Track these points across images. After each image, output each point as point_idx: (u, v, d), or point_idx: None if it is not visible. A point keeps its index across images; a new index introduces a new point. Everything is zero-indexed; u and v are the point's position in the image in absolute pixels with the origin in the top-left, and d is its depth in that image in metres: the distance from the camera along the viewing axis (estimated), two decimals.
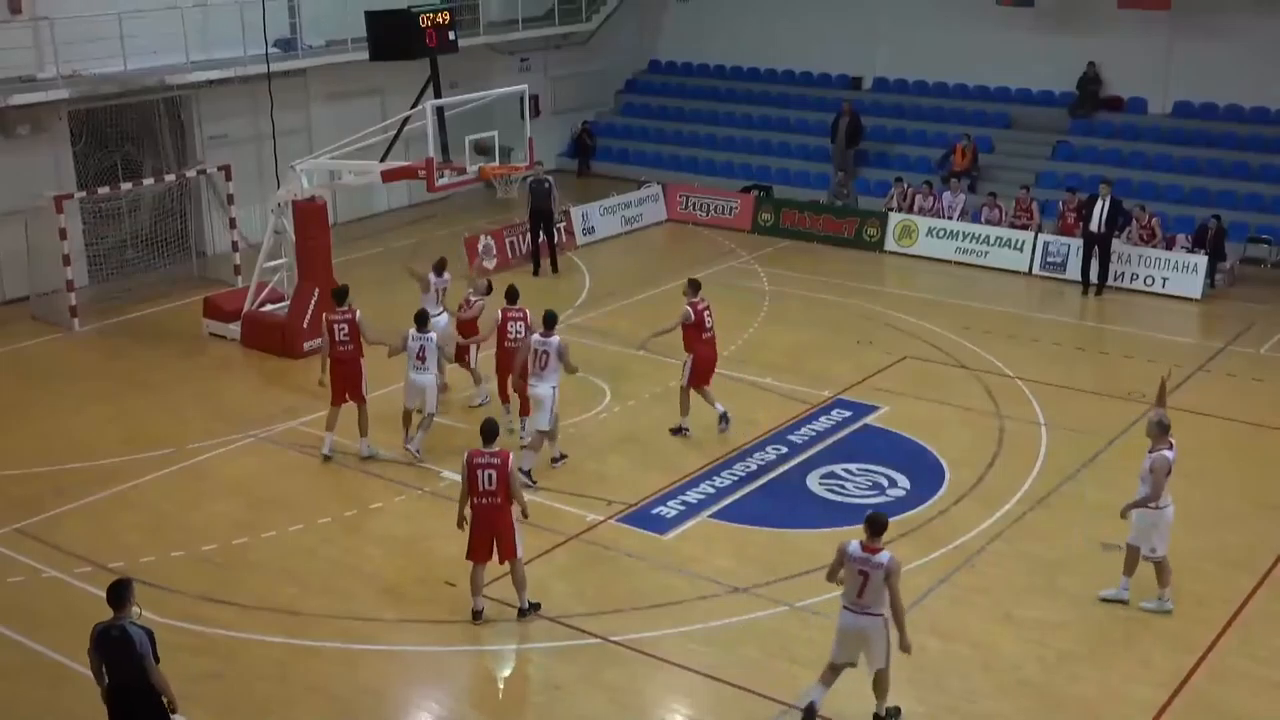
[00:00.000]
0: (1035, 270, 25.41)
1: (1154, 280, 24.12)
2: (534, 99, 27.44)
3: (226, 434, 17.65)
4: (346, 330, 16.76)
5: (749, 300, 23.65)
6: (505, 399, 17.56)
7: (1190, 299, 23.78)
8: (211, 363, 20.82)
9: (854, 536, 11.09)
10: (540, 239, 25.88)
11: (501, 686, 12.39)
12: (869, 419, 18.04)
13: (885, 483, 16.09)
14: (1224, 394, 19.22)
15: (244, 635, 12.82)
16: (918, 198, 27.56)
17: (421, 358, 16.60)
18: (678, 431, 17.39)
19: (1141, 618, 13.01)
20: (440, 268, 19.36)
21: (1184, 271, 24.04)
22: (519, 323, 17.11)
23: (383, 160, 21.18)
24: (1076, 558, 14.27)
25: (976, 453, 16.93)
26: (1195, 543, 14.50)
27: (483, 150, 20.16)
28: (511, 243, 26.35)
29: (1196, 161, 27.87)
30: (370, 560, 14.43)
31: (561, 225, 26.53)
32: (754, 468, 16.50)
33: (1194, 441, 17.36)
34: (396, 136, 21.75)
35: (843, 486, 16.01)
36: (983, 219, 26.57)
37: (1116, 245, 24.06)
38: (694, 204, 29.73)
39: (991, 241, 26.02)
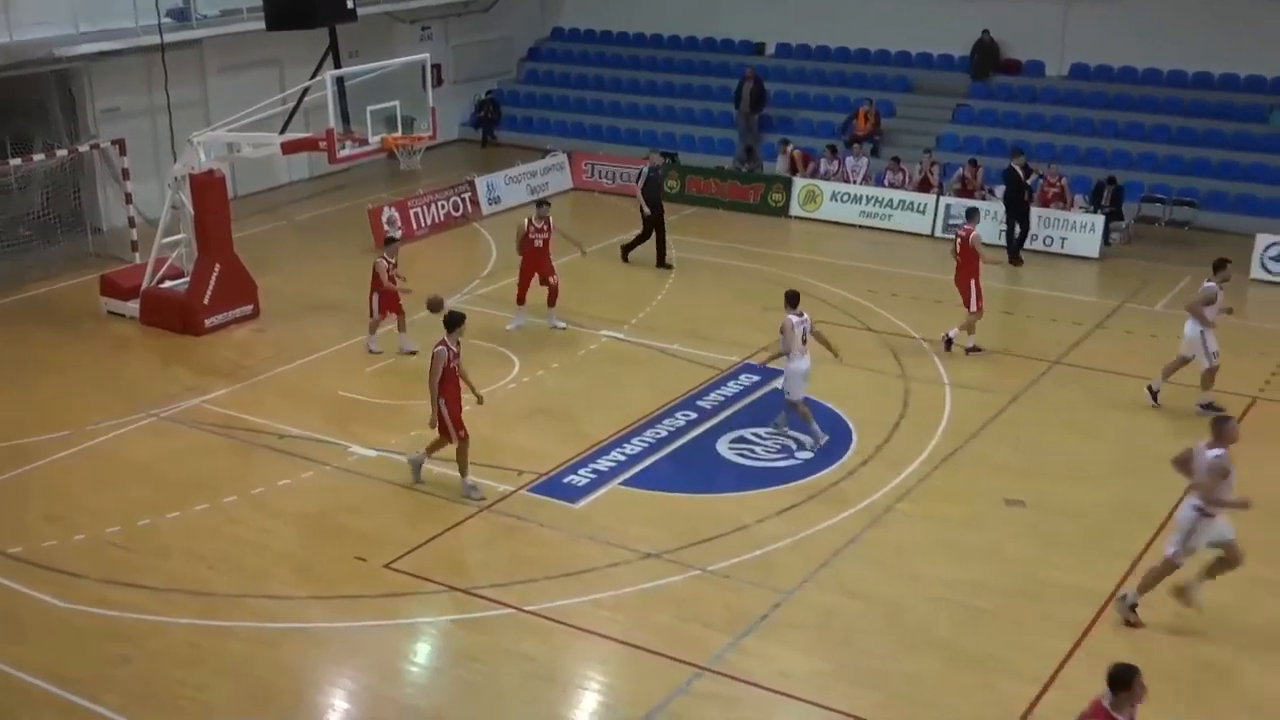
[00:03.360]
0: (938, 233, 25.77)
1: (1053, 240, 24.59)
2: (436, 68, 27.12)
3: (128, 414, 17.35)
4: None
5: (655, 267, 23.67)
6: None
7: (1088, 258, 24.30)
8: (110, 342, 20.42)
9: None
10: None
11: (416, 659, 12.37)
12: (777, 383, 18.19)
13: (794, 446, 16.27)
14: (1121, 351, 19.68)
15: (154, 618, 12.66)
16: (822, 162, 27.80)
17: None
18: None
19: (1044, 573, 13.33)
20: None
21: (1082, 231, 24.55)
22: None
23: (282, 132, 20.92)
24: (982, 515, 14.57)
25: (883, 414, 17.18)
26: (1097, 497, 14.89)
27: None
28: (416, 213, 26.11)
29: (1092, 123, 28.43)
30: (280, 538, 14.31)
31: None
32: (664, 434, 16.60)
33: (1093, 398, 17.85)
34: (296, 108, 21.48)
35: (752, 451, 16.17)
36: (885, 183, 26.88)
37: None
38: (600, 172, 29.70)
39: (895, 205, 26.35)
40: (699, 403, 17.57)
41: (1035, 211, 24.61)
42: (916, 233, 25.92)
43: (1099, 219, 24.41)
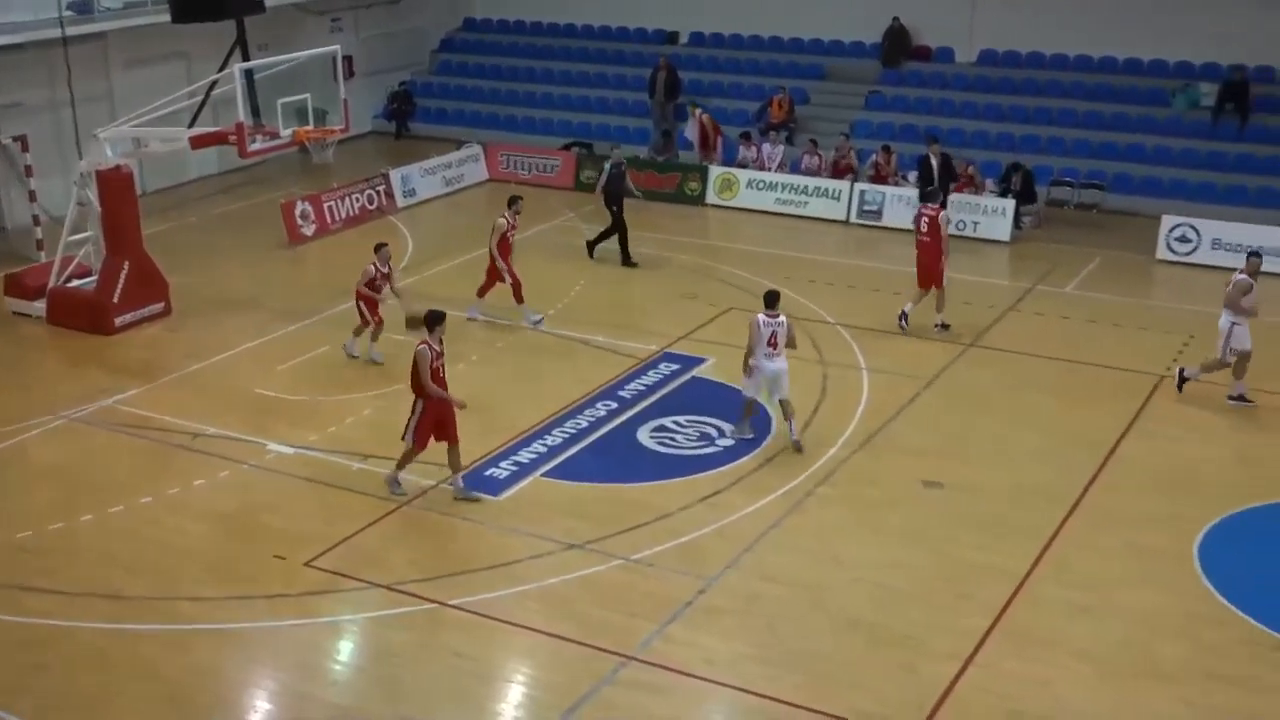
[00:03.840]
0: (853, 219, 26.00)
1: (965, 225, 24.90)
2: (347, 60, 26.79)
3: (37, 416, 16.97)
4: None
5: (575, 258, 23.65)
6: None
7: (1000, 242, 24.66)
8: (16, 343, 19.97)
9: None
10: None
11: (339, 658, 12.26)
12: (696, 371, 18.29)
13: (714, 433, 16.34)
14: (1034, 332, 20.01)
15: (68, 623, 12.41)
16: (740, 149, 27.91)
17: None
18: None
19: (963, 553, 13.53)
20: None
21: (993, 215, 24.91)
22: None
23: (191, 126, 20.55)
24: (900, 498, 14.74)
25: (801, 399, 17.26)
26: (1011, 478, 15.13)
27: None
28: (330, 208, 25.82)
29: (1001, 108, 28.83)
30: (196, 538, 14.10)
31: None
32: (584, 425, 16.59)
33: (1007, 380, 18.13)
34: (204, 102, 21.11)
35: (673, 439, 16.21)
36: (803, 166, 27.06)
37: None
38: (515, 163, 29.58)
39: (810, 192, 26.53)
40: (619, 392, 17.58)
41: (949, 196, 24.89)
42: (832, 219, 26.12)
43: (1009, 203, 24.78)
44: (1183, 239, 23.56)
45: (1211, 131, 27.02)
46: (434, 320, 14.56)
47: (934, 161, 23.84)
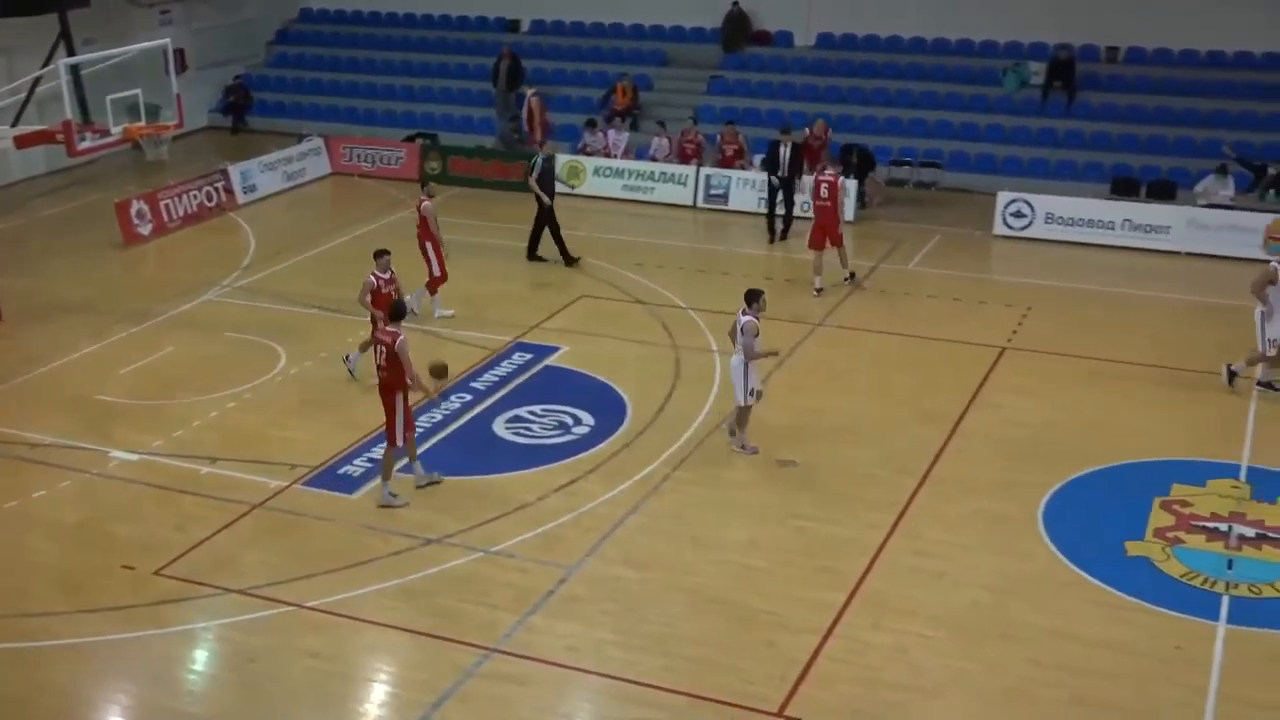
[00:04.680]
0: (699, 203, 26.23)
1: (809, 205, 25.24)
2: (178, 53, 26.21)
3: None
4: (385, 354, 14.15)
5: (419, 250, 23.36)
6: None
7: (844, 221, 25.04)
8: None
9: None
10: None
11: (195, 667, 11.96)
12: (550, 360, 18.27)
13: (570, 421, 16.35)
14: (879, 310, 20.45)
15: None
16: (586, 135, 27.93)
17: None
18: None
19: (818, 528, 13.78)
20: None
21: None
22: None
23: (14, 125, 19.82)
24: (756, 477, 14.95)
25: (656, 384, 17.42)
26: (863, 453, 15.45)
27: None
28: (167, 205, 25.10)
29: (840, 90, 29.37)
30: (40, 552, 13.61)
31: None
32: (439, 418, 16.45)
33: (855, 357, 18.51)
34: (28, 99, 20.41)
35: (529, 429, 16.18)
36: (652, 150, 27.20)
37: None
38: (358, 155, 29.15)
39: (657, 177, 26.68)
40: (473, 384, 17.48)
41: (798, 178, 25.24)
42: (679, 204, 26.31)
43: (852, 183, 25.23)
44: (1018, 214, 24.31)
45: (1041, 109, 27.95)
46: (399, 312, 14.42)
47: (784, 151, 24.00)
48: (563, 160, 27.46)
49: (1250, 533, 13.59)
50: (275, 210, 26.77)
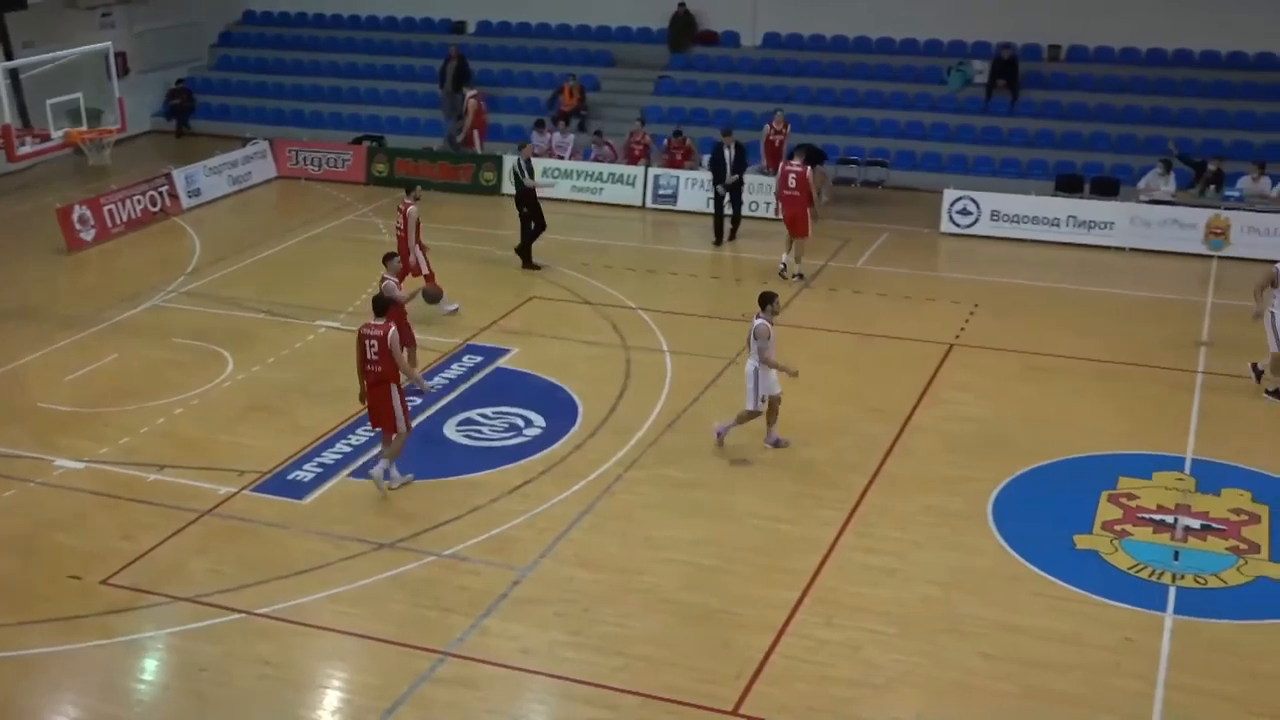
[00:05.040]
0: (648, 204, 26.24)
1: (758, 205, 25.39)
2: (120, 56, 25.90)
3: None
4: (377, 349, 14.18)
5: (370, 253, 23.17)
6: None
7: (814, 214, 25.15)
8: None
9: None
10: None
11: (144, 676, 11.83)
12: (500, 362, 18.22)
13: (521, 423, 16.31)
14: (829, 308, 20.55)
15: None
16: (535, 136, 27.85)
17: None
18: None
19: (771, 526, 13.82)
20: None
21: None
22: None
23: None
24: (708, 476, 14.97)
25: (607, 385, 17.41)
26: (814, 451, 15.51)
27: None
28: (110, 211, 24.79)
29: (787, 89, 29.48)
30: None
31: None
32: None
33: (805, 355, 18.50)
34: None
35: (480, 431, 16.12)
36: (593, 158, 27.17)
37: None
38: (305, 159, 28.93)
39: (605, 178, 26.67)
40: None
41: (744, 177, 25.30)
42: (627, 204, 26.31)
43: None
44: (964, 211, 24.51)
45: (985, 107, 28.20)
46: (383, 305, 14.45)
47: (727, 153, 24.03)
48: (511, 162, 27.39)
49: (1195, 524, 13.77)
50: (220, 214, 26.53)
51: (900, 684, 11.23)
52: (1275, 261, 17.33)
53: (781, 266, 21.78)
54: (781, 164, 22.48)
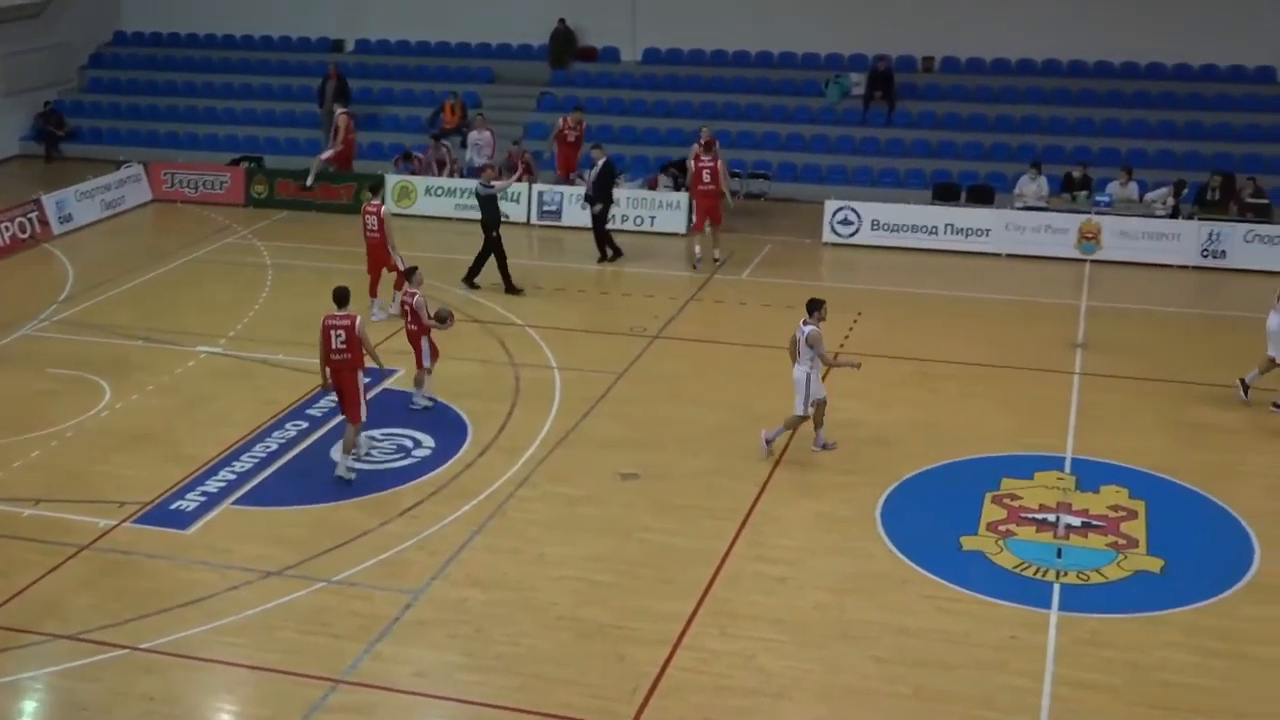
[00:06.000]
0: (534, 220, 26.18)
1: (643, 220, 25.51)
2: None
3: None
4: (344, 338, 15.03)
5: (252, 276, 22.92)
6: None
7: (677, 234, 25.35)
8: None
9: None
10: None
11: (22, 719, 11.45)
12: (387, 383, 17.98)
13: (410, 444, 16.14)
14: (715, 320, 20.70)
15: None
16: (427, 152, 27.63)
17: None
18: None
19: (663, 539, 13.82)
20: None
21: (668, 209, 25.59)
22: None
23: None
24: (599, 491, 14.94)
25: (496, 404, 17.31)
26: (702, 462, 15.57)
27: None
28: None
29: (668, 104, 29.69)
30: None
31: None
32: (275, 447, 16.08)
33: (692, 368, 18.67)
34: None
35: (368, 454, 15.90)
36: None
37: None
38: (181, 181, 28.33)
39: None
40: (309, 411, 17.13)
41: (624, 192, 25.38)
42: (513, 221, 26.13)
43: (683, 196, 25.47)
44: (845, 221, 24.85)
45: (863, 119, 28.65)
46: (342, 298, 15.36)
47: (596, 165, 24.05)
48: (394, 180, 27.19)
49: (1076, 522, 14.09)
50: (94, 240, 25.88)
51: (795, 691, 11.31)
52: None
53: (697, 260, 23.16)
54: (695, 162, 23.58)
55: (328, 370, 15.13)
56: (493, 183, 22.30)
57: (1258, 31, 27.48)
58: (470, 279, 22.16)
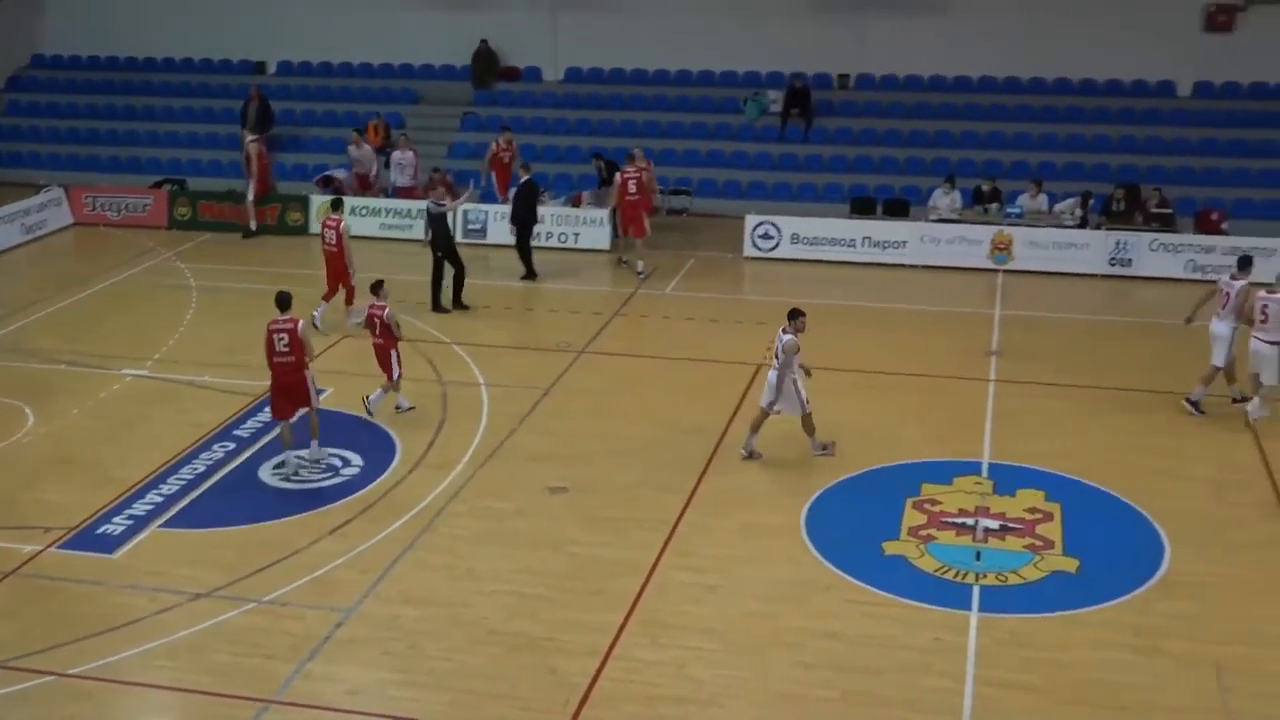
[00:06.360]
0: (459, 238, 26.00)
1: (567, 237, 25.53)
2: None
3: None
4: (287, 340, 15.52)
5: (176, 299, 22.61)
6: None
7: (600, 250, 25.40)
8: None
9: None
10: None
11: None
12: (315, 403, 17.79)
13: (339, 463, 16.00)
14: (640, 334, 20.75)
15: None
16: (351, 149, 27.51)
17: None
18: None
19: (592, 551, 13.81)
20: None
21: (592, 225, 25.64)
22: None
23: None
24: (528, 506, 14.89)
25: (424, 421, 17.20)
26: (631, 474, 15.59)
27: None
28: None
29: (590, 123, 29.75)
30: None
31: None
32: (202, 469, 15.86)
33: (619, 382, 18.70)
34: None
35: (296, 474, 15.74)
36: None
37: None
38: (102, 204, 27.90)
39: (414, 215, 26.37)
40: (236, 432, 16.92)
41: (548, 209, 25.37)
42: None
43: (605, 213, 25.51)
44: (766, 236, 25.04)
45: (781, 135, 28.90)
46: (284, 302, 15.80)
47: (517, 190, 24.03)
48: (319, 201, 26.98)
49: (994, 525, 14.29)
50: (14, 265, 25.40)
51: (726, 698, 11.34)
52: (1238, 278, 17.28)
53: (623, 263, 24.12)
54: (620, 173, 24.08)
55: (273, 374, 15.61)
56: (443, 201, 22.19)
57: (1159, 47, 28.11)
58: (455, 302, 21.90)
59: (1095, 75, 28.69)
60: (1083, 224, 24.37)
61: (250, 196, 26.90)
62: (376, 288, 17.56)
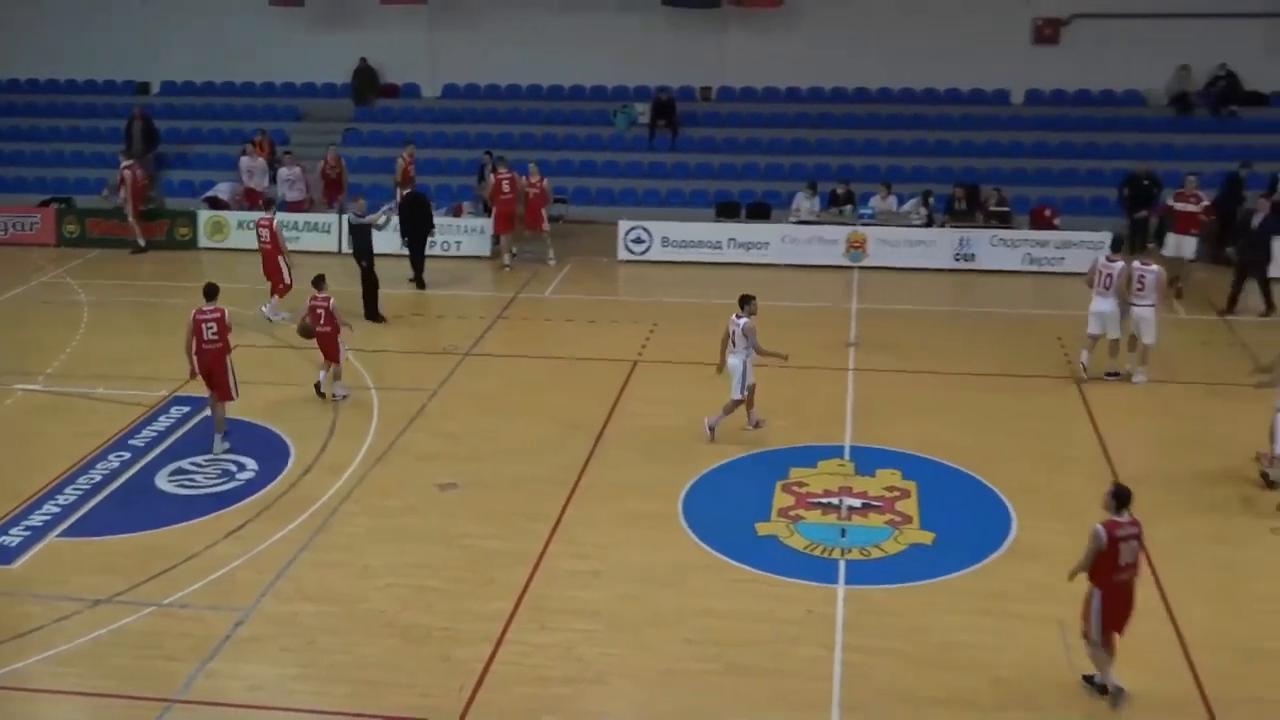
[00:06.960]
0: (344, 250, 25.61)
1: (450, 245, 25.33)
2: None
3: None
4: (216, 329, 15.94)
5: (67, 314, 21.90)
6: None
7: (482, 257, 25.27)
8: None
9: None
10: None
11: None
12: (208, 410, 17.39)
13: (234, 469, 15.66)
14: (523, 336, 20.68)
15: None
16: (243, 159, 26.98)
17: None
18: None
19: (482, 543, 13.72)
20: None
21: (473, 234, 25.48)
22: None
23: None
24: (419, 502, 14.74)
25: (316, 425, 16.92)
26: (518, 469, 15.52)
27: None
28: None
29: (468, 136, 29.56)
30: None
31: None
32: (99, 478, 15.39)
33: (502, 382, 18.62)
34: None
35: (193, 480, 15.37)
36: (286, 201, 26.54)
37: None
38: None
39: (301, 227, 25.98)
40: (131, 441, 16.46)
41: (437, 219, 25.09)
42: (323, 251, 25.65)
43: (487, 221, 25.35)
44: (638, 240, 25.15)
45: (650, 145, 29.05)
46: (211, 293, 16.17)
47: (423, 200, 23.79)
48: (206, 216, 26.38)
49: (857, 503, 14.54)
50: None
51: (613, 676, 11.37)
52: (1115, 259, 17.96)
53: (506, 268, 24.34)
54: (495, 175, 24.49)
55: (195, 360, 15.86)
56: (365, 214, 21.77)
57: (994, 59, 28.91)
58: (372, 316, 21.41)
59: (937, 85, 29.40)
60: (929, 223, 24.94)
61: (130, 215, 26.12)
62: (318, 282, 17.65)
